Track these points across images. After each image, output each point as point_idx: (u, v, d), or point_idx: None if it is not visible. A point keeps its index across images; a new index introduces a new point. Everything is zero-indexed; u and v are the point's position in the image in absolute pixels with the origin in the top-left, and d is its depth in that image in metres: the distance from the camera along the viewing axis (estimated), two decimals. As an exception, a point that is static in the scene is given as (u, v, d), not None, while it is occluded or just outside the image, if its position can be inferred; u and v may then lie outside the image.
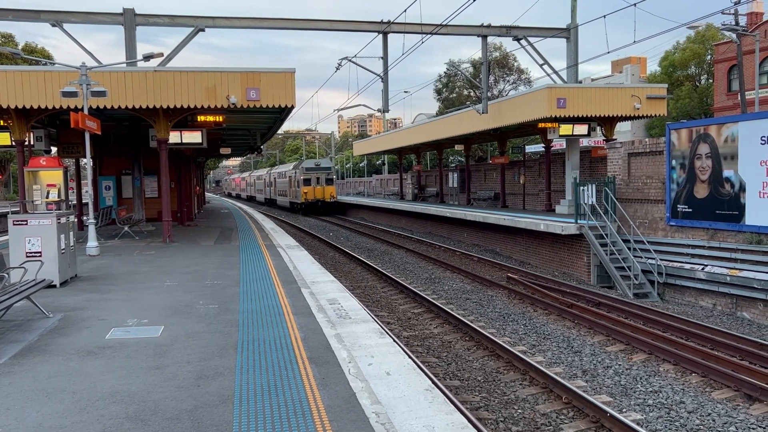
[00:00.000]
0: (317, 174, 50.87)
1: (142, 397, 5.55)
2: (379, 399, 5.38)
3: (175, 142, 19.28)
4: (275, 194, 64.59)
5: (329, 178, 51.58)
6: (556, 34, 25.15)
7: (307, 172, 50.64)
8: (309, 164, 51.97)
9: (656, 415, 8.44)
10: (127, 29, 21.34)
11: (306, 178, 50.54)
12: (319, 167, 51.40)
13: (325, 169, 51.74)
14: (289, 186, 56.13)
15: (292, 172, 54.66)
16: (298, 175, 51.76)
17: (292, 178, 54.53)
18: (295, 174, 53.28)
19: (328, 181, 51.37)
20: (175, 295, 10.30)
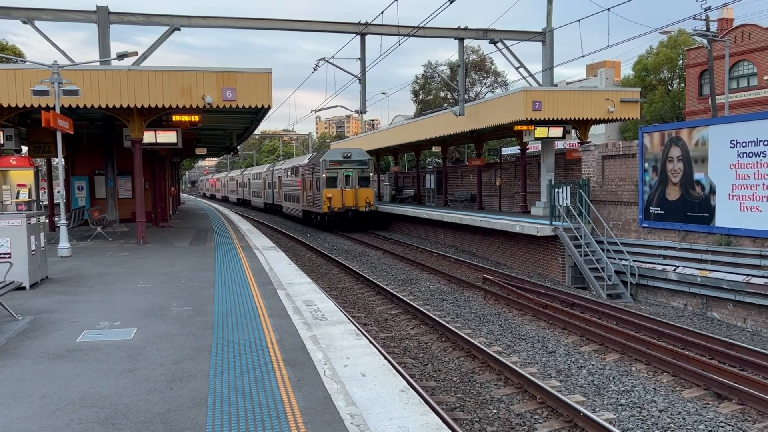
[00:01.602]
0: (347, 169, 34.66)
1: (114, 400, 5.47)
2: (355, 400, 5.38)
3: (149, 142, 19.05)
4: (278, 198, 48.73)
5: (364, 176, 34.97)
6: (531, 38, 25.40)
7: (331, 168, 34.34)
8: (334, 155, 35.29)
9: (628, 414, 8.56)
10: (101, 27, 21.04)
11: (330, 176, 34.28)
12: (349, 159, 34.84)
13: (359, 164, 34.94)
14: (302, 188, 39.43)
15: (306, 168, 38.05)
16: (316, 172, 35.47)
17: (306, 177, 38.18)
18: (311, 170, 36.95)
19: (362, 181, 34.77)
20: (149, 297, 10.18)
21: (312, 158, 38.28)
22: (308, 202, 37.79)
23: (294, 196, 42.17)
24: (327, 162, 34.21)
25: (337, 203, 33.83)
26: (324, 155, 35.12)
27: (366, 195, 34.57)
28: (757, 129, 14.33)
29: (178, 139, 19.47)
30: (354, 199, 34.13)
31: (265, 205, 56.05)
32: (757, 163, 14.30)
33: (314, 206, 36.13)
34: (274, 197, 51.11)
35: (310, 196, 37.12)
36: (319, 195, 34.88)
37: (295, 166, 42.18)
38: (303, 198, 39.25)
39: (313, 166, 35.92)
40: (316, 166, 35.51)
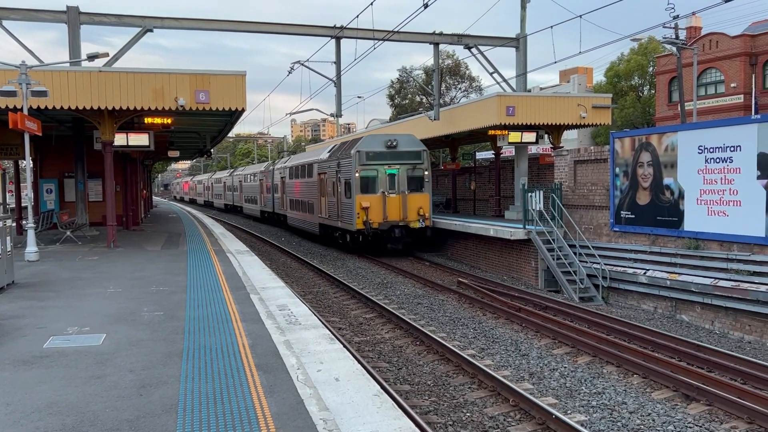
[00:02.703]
0: (392, 165, 24.11)
1: (81, 407, 5.36)
2: (328, 405, 5.35)
3: (120, 144, 18.78)
4: (282, 206, 37.59)
5: (417, 175, 24.41)
6: (505, 44, 25.64)
7: (368, 164, 23.89)
8: (372, 144, 24.38)
9: (599, 416, 8.66)
10: (71, 28, 20.69)
11: (367, 176, 23.91)
12: (394, 150, 24.12)
13: (410, 156, 24.38)
14: (319, 193, 28.45)
15: (327, 165, 27.10)
16: (343, 170, 24.89)
17: (326, 178, 27.32)
18: (334, 168, 25.98)
19: (414, 182, 24.36)
20: (119, 302, 10.01)
21: (336, 150, 26.84)
22: (329, 213, 26.84)
23: (306, 205, 31.22)
24: (362, 155, 23.53)
25: (376, 216, 23.40)
26: (357, 145, 23.99)
27: (419, 203, 23.86)
28: (724, 135, 14.66)
29: (151, 142, 19.22)
30: (401, 209, 23.69)
31: (262, 214, 44.73)
32: (724, 169, 14.61)
33: (340, 220, 25.34)
34: (275, 204, 39.76)
35: (333, 205, 26.15)
36: (348, 204, 24.12)
37: (307, 163, 30.90)
38: (321, 207, 28.29)
39: (339, 163, 25.09)
40: (343, 162, 24.64)
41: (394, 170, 24.02)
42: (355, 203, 23.56)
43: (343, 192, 24.80)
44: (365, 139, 24.74)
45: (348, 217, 24.36)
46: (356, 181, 23.68)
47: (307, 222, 31.27)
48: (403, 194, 24.08)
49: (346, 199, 24.50)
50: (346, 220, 24.70)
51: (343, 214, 25.12)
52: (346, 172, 24.52)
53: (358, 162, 23.70)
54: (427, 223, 24.19)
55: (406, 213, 24.02)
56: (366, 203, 23.48)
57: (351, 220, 23.95)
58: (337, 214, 25.73)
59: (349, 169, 24.18)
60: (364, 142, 24.25)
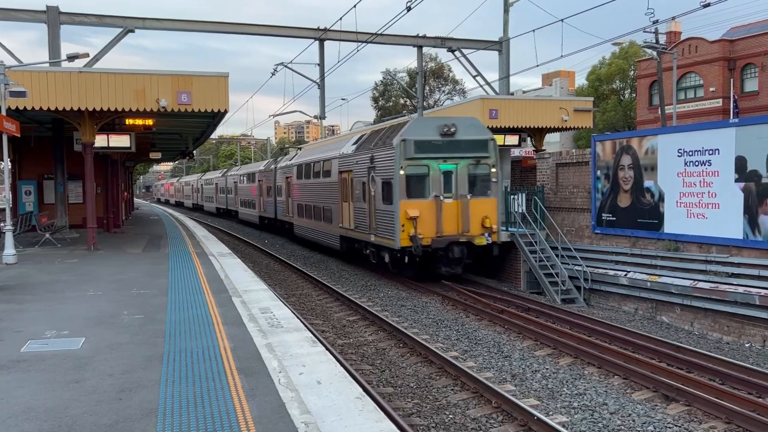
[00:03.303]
0: (447, 159, 18.21)
1: (59, 412, 5.29)
2: (309, 409, 5.33)
3: (101, 145, 18.59)
4: (287, 211, 31.46)
5: (482, 173, 18.60)
6: (488, 47, 25.81)
7: (417, 158, 17.91)
8: (422, 130, 18.25)
9: (581, 417, 8.73)
10: (51, 28, 20.46)
11: (414, 173, 17.99)
12: (451, 138, 18.11)
13: (473, 147, 18.44)
14: (340, 195, 22.47)
15: (355, 160, 20.96)
16: (381, 167, 18.78)
17: (352, 178, 21.25)
18: (365, 163, 19.97)
19: (477, 183, 18.57)
20: (99, 305, 9.90)
21: (367, 141, 20.64)
22: (355, 224, 20.78)
23: (320, 212, 25.03)
24: (409, 146, 17.46)
25: (428, 229, 17.57)
26: (402, 132, 17.82)
27: (484, 211, 18.01)
28: (703, 138, 14.86)
29: (132, 143, 19.06)
30: (460, 219, 17.83)
31: (261, 221, 39.50)
32: (703, 172, 14.82)
33: (373, 233, 19.22)
34: (277, 209, 33.92)
35: (362, 212, 20.08)
36: (386, 213, 18.12)
37: (323, 160, 24.65)
38: (342, 215, 22.15)
39: (372, 157, 19.07)
40: (380, 155, 18.62)
41: (450, 165, 17.90)
42: (399, 211, 17.42)
43: (379, 196, 18.55)
44: (413, 123, 18.31)
45: (386, 230, 18.20)
46: (400, 182, 17.50)
47: (323, 233, 24.99)
48: (463, 199, 17.88)
49: (384, 205, 18.28)
50: (383, 233, 18.47)
51: (378, 225, 18.78)
52: (383, 169, 18.35)
53: (404, 155, 17.48)
54: (494, 238, 18.11)
55: (467, 224, 17.87)
56: (414, 211, 17.34)
57: (392, 234, 17.79)
58: (369, 225, 19.45)
59: (388, 164, 17.93)
60: (411, 128, 17.92)
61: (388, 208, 18.12)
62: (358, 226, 20.67)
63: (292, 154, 33.31)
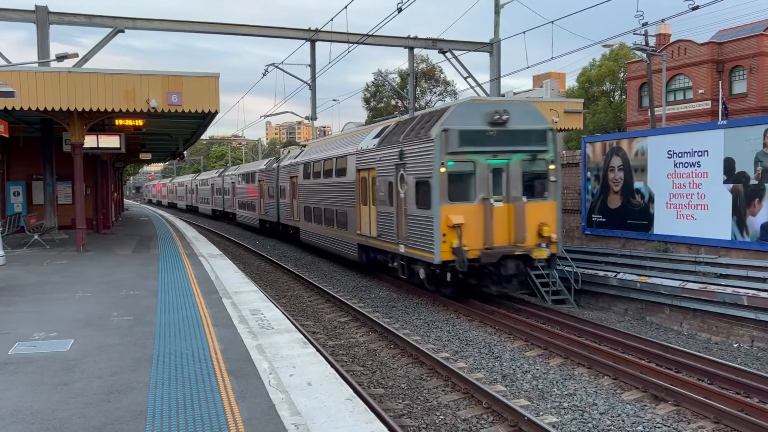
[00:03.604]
0: (498, 153, 14.73)
1: (47, 415, 5.25)
2: (299, 410, 5.32)
3: (90, 146, 18.51)
4: (293, 215, 28.49)
5: (538, 170, 15.15)
6: (479, 48, 25.87)
7: (463, 151, 14.45)
8: (469, 118, 14.74)
9: (571, 417, 8.75)
10: (40, 27, 20.33)
11: (459, 171, 14.55)
12: (502, 127, 14.70)
13: (528, 139, 15.00)
14: (359, 198, 19.48)
15: (376, 154, 17.84)
16: (415, 162, 15.35)
17: (371, 177, 18.34)
18: (393, 159, 16.48)
19: (534, 182, 15.15)
20: (88, 307, 9.84)
21: (394, 133, 17.35)
22: (379, 231, 17.60)
23: (332, 216, 22.05)
24: (452, 137, 14.41)
25: (475, 239, 14.48)
26: (443, 120, 14.68)
27: (541, 217, 14.92)
28: (692, 140, 14.97)
29: (122, 144, 18.98)
30: (514, 227, 14.77)
31: (262, 224, 36.62)
32: (692, 173, 14.93)
33: (404, 242, 16.04)
34: (280, 212, 31.26)
35: (387, 218, 16.96)
36: (422, 219, 15.08)
37: (336, 157, 21.76)
38: (360, 221, 19.25)
39: (402, 152, 15.98)
40: (412, 150, 15.58)
41: (501, 161, 14.73)
42: (439, 218, 14.25)
43: (412, 198, 15.43)
44: (456, 110, 14.94)
45: (421, 240, 15.03)
46: (441, 181, 14.29)
47: (336, 240, 22.03)
48: (516, 202, 14.67)
49: (418, 210, 15.16)
50: (417, 243, 15.29)
51: (411, 234, 15.59)
52: (418, 166, 15.16)
53: (445, 148, 14.25)
54: (554, 250, 14.93)
55: (522, 233, 14.63)
56: (458, 218, 14.23)
57: (429, 245, 14.62)
58: (398, 234, 16.35)
59: (425, 160, 14.80)
60: (454, 116, 14.62)
61: (424, 214, 14.94)
62: (383, 233, 17.49)
63: (297, 152, 30.18)
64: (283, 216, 30.54)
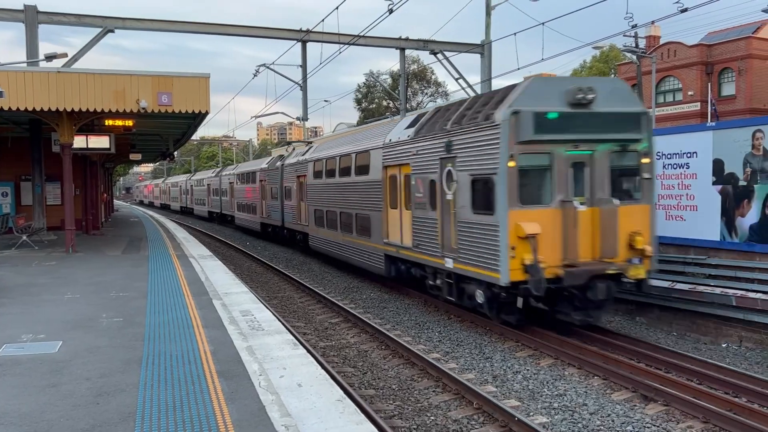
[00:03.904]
0: (580, 143, 11.55)
1: (35, 417, 5.21)
2: (290, 411, 5.31)
3: (80, 147, 18.41)
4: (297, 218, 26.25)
5: (628, 166, 12.10)
6: (470, 50, 25.94)
7: (538, 140, 11.22)
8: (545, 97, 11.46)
9: (561, 418, 8.79)
10: (29, 27, 20.19)
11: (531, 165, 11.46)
12: (584, 106, 11.51)
13: (620, 126, 11.80)
14: (386, 200, 16.60)
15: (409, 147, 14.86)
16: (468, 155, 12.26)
17: (402, 175, 15.61)
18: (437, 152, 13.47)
19: (624, 179, 12.11)
20: (77, 308, 9.77)
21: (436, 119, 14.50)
22: (416, 240, 14.91)
23: (355, 221, 19.09)
24: (524, 121, 11.22)
25: (552, 254, 11.43)
26: (513, 99, 11.53)
27: (633, 224, 11.99)
28: (681, 142, 15.07)
29: (111, 144, 18.89)
30: (599, 237, 11.79)
31: (263, 227, 33.49)
32: (681, 174, 15.02)
33: (451, 254, 13.30)
34: (285, 215, 28.44)
35: (430, 224, 14.20)
36: (482, 227, 12.01)
37: (356, 153, 18.94)
38: (392, 226, 16.48)
39: (449, 144, 13.16)
40: (464, 140, 12.64)
41: (584, 152, 11.73)
42: (507, 226, 11.21)
43: (466, 201, 12.41)
44: (528, 87, 11.66)
45: (481, 254, 11.96)
46: (509, 179, 11.25)
47: (356, 249, 19.22)
48: (604, 205, 11.72)
49: (475, 215, 12.12)
50: (474, 258, 12.21)
51: (463, 245, 12.59)
52: (475, 159, 12.09)
53: (516, 136, 11.23)
54: (647, 266, 12.01)
55: (611, 245, 11.73)
56: (532, 226, 11.15)
57: (492, 261, 11.58)
58: (442, 244, 13.48)
59: (486, 152, 11.73)
60: (526, 95, 11.48)
61: (484, 221, 11.84)
62: (421, 243, 14.57)
63: (304, 149, 27.32)
64: (288, 220, 27.90)
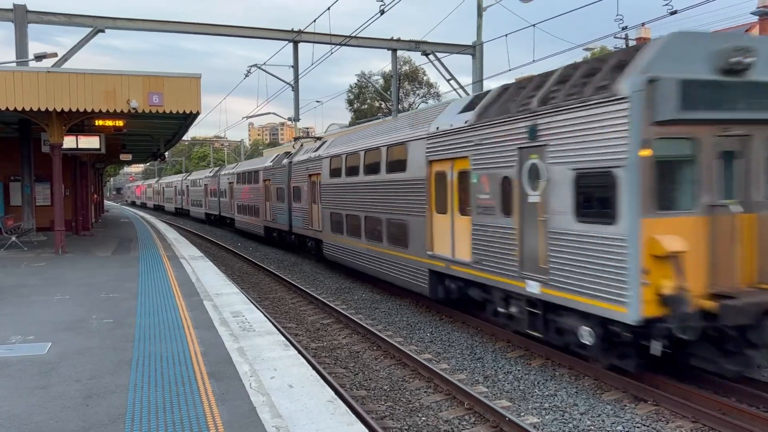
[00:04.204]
0: (738, 121, 8.32)
1: (24, 419, 5.18)
2: (281, 412, 5.31)
3: (70, 147, 18.32)
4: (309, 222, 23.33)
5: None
6: (462, 51, 26.00)
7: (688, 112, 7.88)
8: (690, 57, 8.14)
9: (552, 418, 8.82)
10: (18, 26, 20.06)
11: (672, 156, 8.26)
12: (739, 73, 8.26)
13: None
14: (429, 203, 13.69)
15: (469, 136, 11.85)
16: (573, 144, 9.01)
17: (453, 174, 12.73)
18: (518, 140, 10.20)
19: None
20: (66, 310, 9.72)
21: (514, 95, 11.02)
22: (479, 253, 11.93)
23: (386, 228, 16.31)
24: (666, 92, 7.92)
25: (696, 280, 8.23)
26: (639, 60, 8.33)
27: None
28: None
29: (101, 145, 18.80)
30: (754, 255, 8.56)
31: (267, 231, 30.77)
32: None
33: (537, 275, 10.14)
34: (293, 219, 25.61)
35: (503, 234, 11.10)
36: (596, 241, 8.76)
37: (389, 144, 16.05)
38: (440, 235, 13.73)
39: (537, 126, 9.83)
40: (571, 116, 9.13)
41: (738, 137, 8.80)
42: (638, 241, 8.23)
43: (566, 204, 9.49)
44: (669, 45, 8.42)
45: (591, 278, 9.05)
46: (642, 174, 8.20)
47: (386, 262, 16.29)
48: (766, 210, 8.85)
49: (579, 224, 9.24)
50: (578, 284, 9.32)
51: (558, 265, 9.73)
52: (581, 148, 9.12)
53: (652, 114, 8.19)
54: None
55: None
56: (674, 242, 8.20)
57: (612, 289, 8.66)
58: (521, 262, 10.69)
59: (603, 138, 8.68)
60: (667, 55, 8.35)
61: (598, 233, 8.83)
62: (486, 259, 11.61)
63: (315, 145, 24.24)
64: (297, 224, 24.99)
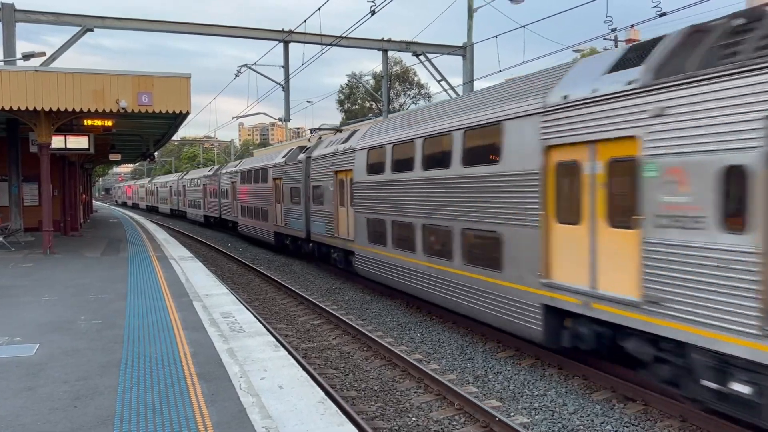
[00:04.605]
0: None
1: (10, 421, 5.14)
2: (270, 413, 5.29)
3: (58, 147, 18.17)
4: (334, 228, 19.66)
5: None
6: (453, 51, 26.05)
7: None
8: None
9: (541, 418, 8.85)
10: (6, 25, 19.89)
11: None
12: None
13: None
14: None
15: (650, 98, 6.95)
16: None
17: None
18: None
19: None
20: (55, 311, 9.64)
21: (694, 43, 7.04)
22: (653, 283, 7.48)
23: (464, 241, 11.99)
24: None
25: None
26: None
27: None
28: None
29: (90, 145, 18.67)
30: None
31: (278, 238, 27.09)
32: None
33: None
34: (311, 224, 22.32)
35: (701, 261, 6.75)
36: None
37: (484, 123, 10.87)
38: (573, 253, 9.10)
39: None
40: None
41: None
42: None
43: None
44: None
45: None
46: None
47: (463, 288, 12.33)
48: None
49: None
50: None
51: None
52: None
53: None
54: None
55: None
56: None
57: None
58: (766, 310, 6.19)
59: None
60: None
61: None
62: (678, 298, 7.42)
63: (343, 135, 20.59)
64: (317, 231, 21.58)
